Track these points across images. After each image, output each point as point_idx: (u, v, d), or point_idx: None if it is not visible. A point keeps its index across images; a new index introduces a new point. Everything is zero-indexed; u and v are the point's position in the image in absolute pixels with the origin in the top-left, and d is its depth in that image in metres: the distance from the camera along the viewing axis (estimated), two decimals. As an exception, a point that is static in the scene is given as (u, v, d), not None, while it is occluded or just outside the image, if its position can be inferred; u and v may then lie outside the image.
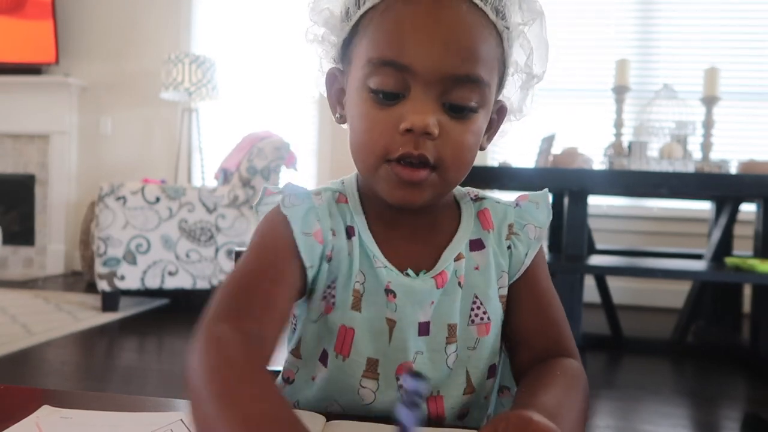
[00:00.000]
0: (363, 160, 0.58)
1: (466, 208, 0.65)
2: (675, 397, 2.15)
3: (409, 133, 0.54)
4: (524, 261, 0.64)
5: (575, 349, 0.63)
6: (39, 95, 4.26)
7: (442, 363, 0.61)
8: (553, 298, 0.65)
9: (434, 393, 0.61)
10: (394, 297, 0.59)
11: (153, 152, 4.30)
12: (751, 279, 2.34)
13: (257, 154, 3.19)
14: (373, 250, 0.60)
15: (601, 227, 3.74)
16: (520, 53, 0.61)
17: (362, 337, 0.60)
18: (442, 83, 0.54)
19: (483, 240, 0.64)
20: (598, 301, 2.92)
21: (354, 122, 0.58)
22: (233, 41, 4.21)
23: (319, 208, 0.60)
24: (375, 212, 0.62)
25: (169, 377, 2.18)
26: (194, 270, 3.06)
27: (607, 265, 2.52)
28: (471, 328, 0.62)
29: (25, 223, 4.38)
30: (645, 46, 3.93)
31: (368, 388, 0.60)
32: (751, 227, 2.75)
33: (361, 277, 0.60)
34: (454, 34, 0.53)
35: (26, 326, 2.67)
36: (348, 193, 0.64)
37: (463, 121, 0.55)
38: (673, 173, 2.43)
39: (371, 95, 0.55)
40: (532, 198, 0.67)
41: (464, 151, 0.56)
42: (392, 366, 0.60)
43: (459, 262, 0.62)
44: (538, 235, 0.65)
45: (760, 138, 3.80)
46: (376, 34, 0.55)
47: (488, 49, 0.56)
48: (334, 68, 0.63)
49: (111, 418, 0.52)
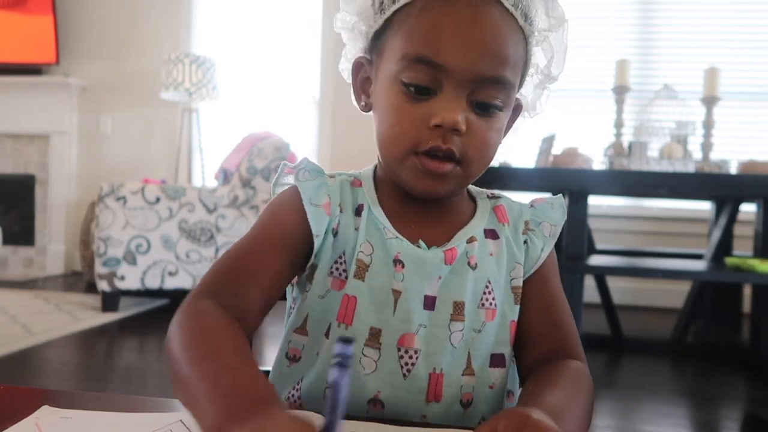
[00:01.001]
0: (390, 150, 0.60)
1: (482, 203, 0.68)
2: (675, 397, 2.16)
3: (438, 128, 0.57)
4: (540, 256, 0.66)
5: (582, 353, 0.64)
6: (39, 95, 4.26)
7: (445, 340, 0.62)
8: (562, 301, 0.67)
9: (436, 370, 0.61)
10: (402, 267, 0.61)
11: (153, 152, 4.30)
12: (751, 279, 2.34)
13: (257, 154, 3.19)
14: (384, 223, 0.63)
15: (601, 227, 3.74)
16: (542, 56, 0.64)
17: (365, 306, 0.61)
18: (473, 83, 0.57)
19: (498, 231, 0.66)
20: (598, 301, 2.92)
21: (383, 113, 0.61)
22: (233, 41, 4.21)
23: (331, 186, 0.64)
24: (388, 195, 0.65)
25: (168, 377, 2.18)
26: (194, 270, 3.06)
27: (607, 265, 2.52)
28: (480, 311, 0.63)
29: (25, 223, 4.38)
30: (645, 46, 3.93)
31: (370, 357, 0.61)
32: (751, 227, 2.75)
33: (368, 248, 0.62)
34: (489, 38, 0.56)
35: (26, 326, 2.67)
36: (363, 178, 0.67)
37: (487, 118, 0.59)
38: (673, 173, 2.43)
39: (403, 89, 0.58)
40: (547, 200, 0.70)
41: (488, 147, 0.60)
42: (395, 337, 0.61)
43: (472, 244, 0.63)
44: (553, 233, 0.67)
45: (760, 138, 3.80)
46: (414, 31, 0.58)
47: (516, 53, 0.59)
48: (361, 57, 0.65)
49: (111, 418, 0.52)
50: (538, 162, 2.76)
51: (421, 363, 0.61)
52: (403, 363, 0.61)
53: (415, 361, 0.61)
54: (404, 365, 0.61)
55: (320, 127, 4.10)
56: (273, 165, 3.20)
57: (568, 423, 0.48)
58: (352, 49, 0.66)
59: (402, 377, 0.61)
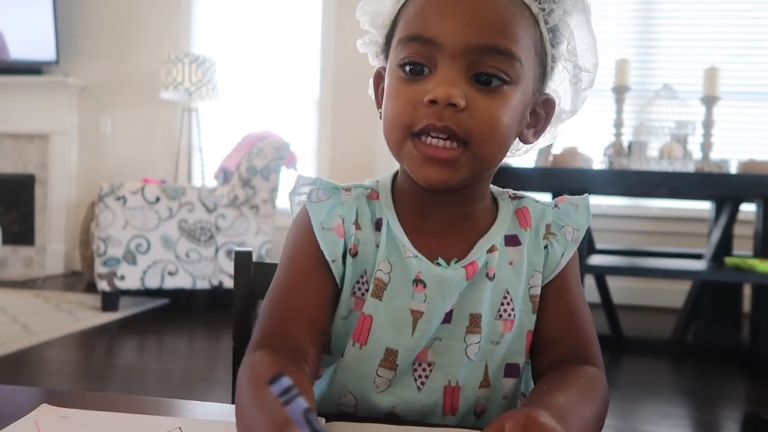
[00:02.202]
0: (390, 137, 0.58)
1: (504, 205, 0.65)
2: (675, 397, 2.15)
3: (434, 104, 0.53)
4: (560, 262, 0.63)
5: (600, 360, 0.62)
6: (39, 95, 4.26)
7: (460, 352, 0.60)
8: (582, 305, 0.64)
9: (452, 383, 0.60)
10: (423, 287, 0.59)
11: (153, 152, 4.30)
12: (751, 279, 2.34)
13: (257, 154, 3.19)
14: (402, 240, 0.60)
15: (601, 227, 3.74)
16: (564, 43, 0.60)
17: (382, 326, 0.60)
18: (468, 55, 0.54)
19: (519, 237, 0.63)
20: (598, 301, 2.92)
21: (385, 104, 0.59)
22: (233, 41, 4.21)
23: (346, 204, 0.62)
24: (407, 205, 0.62)
25: (168, 377, 2.18)
26: (194, 270, 3.06)
27: (607, 265, 2.52)
28: (498, 323, 0.61)
29: (25, 223, 4.38)
30: (645, 46, 3.93)
31: (384, 377, 0.60)
32: (751, 227, 2.74)
33: (387, 267, 0.60)
34: (479, 6, 0.54)
35: (26, 326, 2.67)
36: (381, 189, 0.64)
37: (492, 94, 0.54)
38: (673, 173, 2.43)
39: (400, 73, 0.56)
40: (571, 200, 0.66)
41: (495, 125, 0.54)
42: (411, 356, 0.60)
43: (492, 254, 0.61)
44: (576, 237, 0.64)
45: (760, 138, 3.80)
46: (407, 17, 0.57)
47: (517, 26, 0.55)
48: (380, 68, 0.64)
49: (110, 418, 0.52)
50: (538, 162, 2.76)
51: (436, 375, 0.60)
52: (417, 376, 0.60)
53: (429, 374, 0.60)
54: (418, 378, 0.60)
55: (320, 127, 4.10)
56: (273, 165, 3.20)
57: (573, 425, 0.47)
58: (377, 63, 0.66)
59: (416, 390, 0.60)
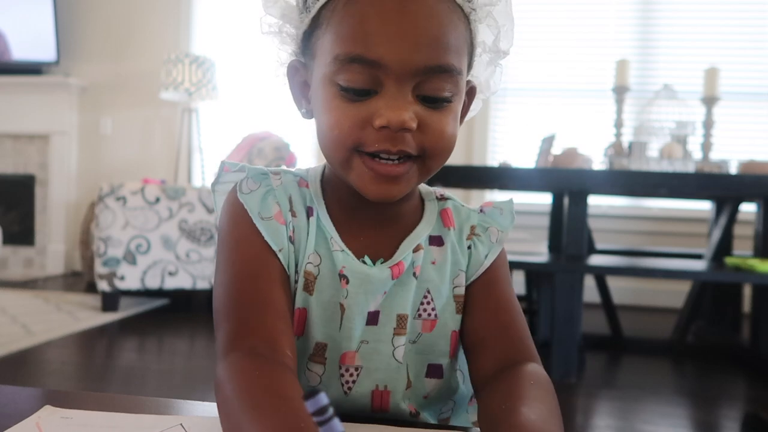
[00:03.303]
0: (333, 154, 0.55)
1: (429, 204, 0.64)
2: (675, 397, 2.15)
3: (384, 129, 0.52)
4: (483, 262, 0.63)
5: (535, 352, 0.61)
6: (39, 95, 4.26)
7: (388, 355, 0.60)
8: (512, 302, 0.63)
9: (380, 387, 0.60)
10: (346, 283, 0.58)
11: (153, 152, 4.30)
12: (751, 279, 2.34)
13: (257, 154, 3.19)
14: (331, 233, 0.59)
15: (601, 227, 3.74)
16: (488, 33, 0.59)
17: (314, 319, 0.59)
18: (415, 76, 0.52)
19: (443, 237, 0.63)
20: (598, 301, 2.92)
21: (321, 117, 0.55)
22: (233, 41, 4.21)
23: (277, 190, 0.60)
24: (336, 200, 0.61)
25: (169, 377, 2.18)
26: (194, 270, 3.06)
27: (607, 265, 2.52)
28: (416, 322, 0.61)
29: (25, 223, 4.38)
30: (645, 46, 3.93)
31: (314, 372, 0.60)
32: (751, 227, 2.74)
33: (316, 259, 0.59)
34: (425, 25, 0.51)
35: (26, 326, 2.67)
36: (310, 179, 0.63)
37: (439, 109, 0.54)
38: (673, 173, 2.43)
39: (341, 92, 0.53)
40: (496, 204, 0.66)
41: (446, 139, 0.54)
42: (338, 353, 0.59)
43: (417, 254, 0.61)
44: (500, 238, 0.64)
45: (760, 138, 3.80)
46: (341, 29, 0.52)
47: (458, 36, 0.54)
48: (294, 61, 0.60)
49: (111, 419, 0.52)
50: (538, 162, 2.76)
51: (363, 380, 0.60)
52: (344, 381, 0.59)
53: (356, 379, 0.59)
54: (345, 383, 0.59)
55: (320, 127, 4.09)
56: (273, 165, 3.20)
57: None
58: (284, 53, 0.61)
59: (343, 394, 0.60)
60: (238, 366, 0.50)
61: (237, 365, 0.50)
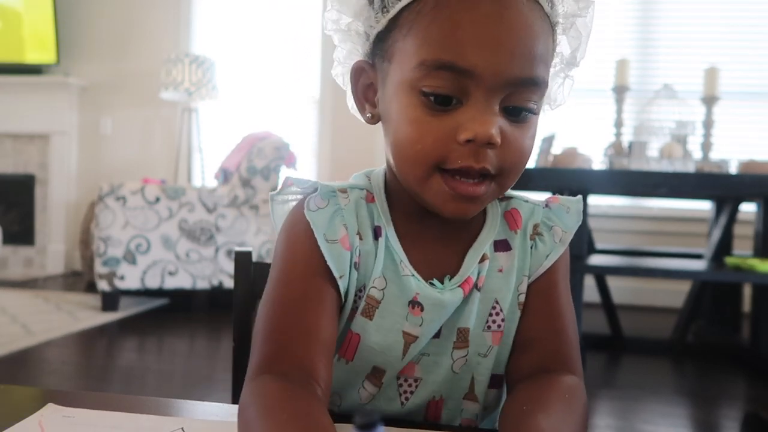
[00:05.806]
0: (412, 170, 0.52)
1: (491, 207, 0.61)
2: (675, 397, 2.15)
3: (469, 143, 0.49)
4: (543, 263, 0.60)
5: (579, 365, 0.59)
6: (39, 95, 4.26)
7: (447, 368, 0.59)
8: (567, 308, 0.61)
9: (435, 397, 0.59)
10: (421, 310, 0.56)
11: (153, 152, 4.30)
12: (751, 279, 2.34)
13: (257, 154, 3.19)
14: (401, 256, 0.57)
15: (601, 227, 3.74)
16: (566, 44, 0.57)
17: (370, 346, 0.57)
18: (506, 88, 0.49)
19: (509, 241, 0.60)
20: (598, 301, 2.92)
21: (400, 128, 0.52)
22: (233, 41, 4.21)
23: (345, 210, 0.57)
24: (402, 213, 0.59)
25: (168, 377, 2.18)
26: (194, 270, 3.06)
27: (607, 265, 2.52)
28: (486, 335, 0.59)
29: (25, 223, 4.38)
30: (645, 46, 3.93)
31: (368, 391, 0.59)
32: (751, 227, 2.74)
33: (382, 283, 0.56)
34: (520, 35, 0.49)
35: (26, 326, 2.67)
36: (375, 190, 0.60)
37: (521, 124, 0.52)
38: (673, 173, 2.43)
39: (423, 99, 0.50)
40: (563, 201, 0.63)
41: (525, 157, 0.52)
42: (397, 371, 0.59)
43: (483, 264, 0.58)
44: (564, 239, 0.61)
45: (760, 138, 3.80)
46: (429, 33, 0.49)
47: (547, 47, 0.52)
48: (362, 62, 0.57)
49: (113, 418, 0.52)
50: (538, 162, 2.76)
51: (421, 391, 0.59)
52: (402, 391, 0.59)
53: (414, 390, 0.59)
54: (402, 393, 0.59)
55: (320, 127, 4.10)
56: (273, 165, 3.20)
57: None
58: (348, 52, 0.59)
59: (399, 405, 0.59)
60: (265, 389, 0.48)
61: (264, 388, 0.48)
